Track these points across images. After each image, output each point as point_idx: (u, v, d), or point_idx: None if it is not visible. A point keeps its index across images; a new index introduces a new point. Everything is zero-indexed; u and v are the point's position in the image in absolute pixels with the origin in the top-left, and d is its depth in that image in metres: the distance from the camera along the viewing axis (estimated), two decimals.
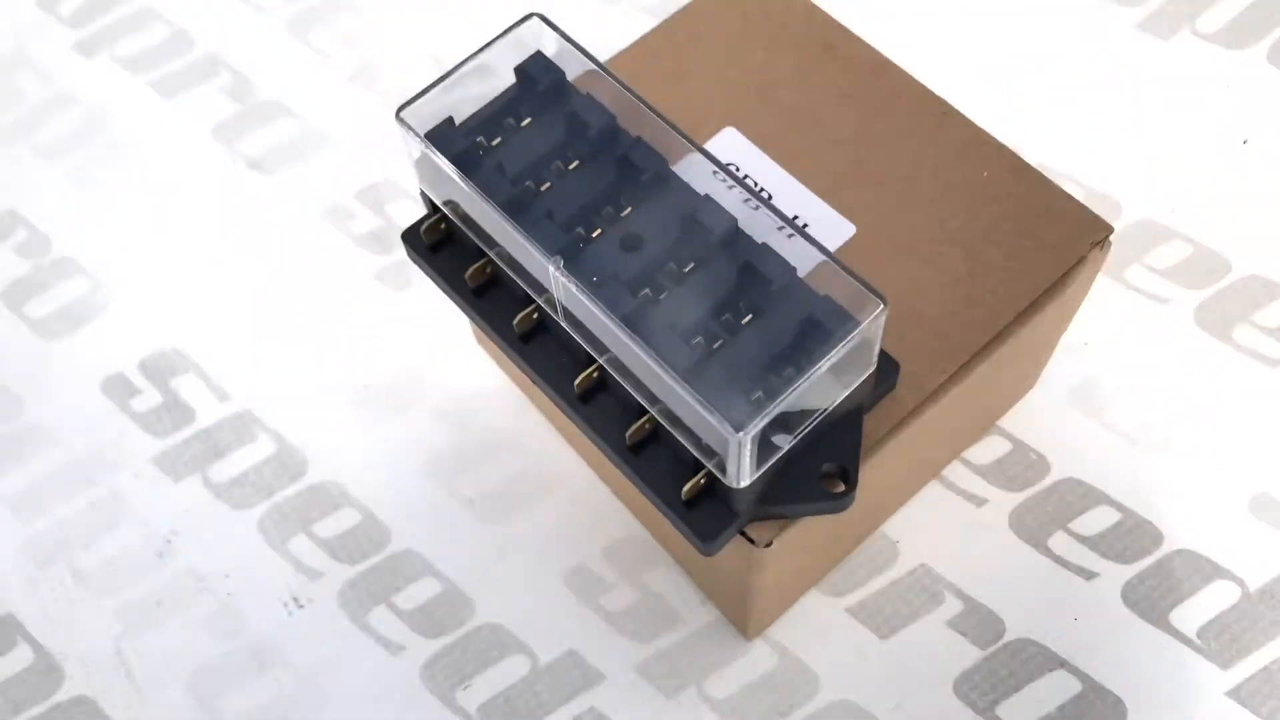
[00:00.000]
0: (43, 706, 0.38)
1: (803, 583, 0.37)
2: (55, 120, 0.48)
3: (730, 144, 0.35)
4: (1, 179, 0.47)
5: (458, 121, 0.30)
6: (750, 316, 0.27)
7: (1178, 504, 0.39)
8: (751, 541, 0.29)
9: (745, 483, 0.27)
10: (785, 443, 0.27)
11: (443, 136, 0.29)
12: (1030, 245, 0.33)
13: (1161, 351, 0.42)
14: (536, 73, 0.30)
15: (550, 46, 0.31)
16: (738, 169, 0.34)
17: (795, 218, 0.33)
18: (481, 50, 0.30)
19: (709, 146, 0.35)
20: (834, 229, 0.33)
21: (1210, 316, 0.42)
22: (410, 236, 0.32)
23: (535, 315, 0.30)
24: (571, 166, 0.30)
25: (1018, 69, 0.47)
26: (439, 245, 0.32)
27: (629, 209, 0.29)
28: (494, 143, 0.30)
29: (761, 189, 0.34)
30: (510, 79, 0.31)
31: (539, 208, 0.29)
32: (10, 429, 0.42)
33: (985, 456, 0.40)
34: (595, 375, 0.30)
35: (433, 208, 0.32)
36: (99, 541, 0.40)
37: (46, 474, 0.42)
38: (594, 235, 0.29)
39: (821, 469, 0.29)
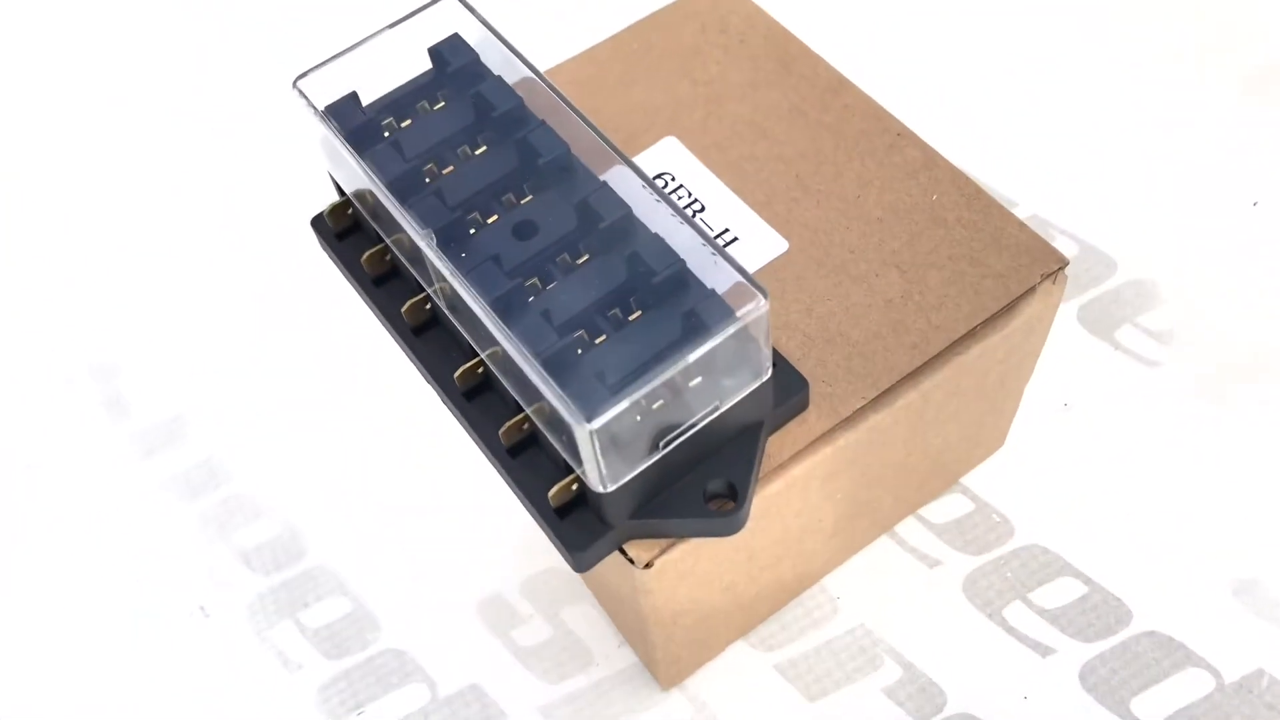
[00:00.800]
0: None
1: (724, 632, 0.34)
2: None
3: (668, 153, 0.33)
4: None
5: (368, 102, 0.29)
6: (639, 312, 0.25)
7: (1152, 582, 0.35)
8: (631, 561, 0.27)
9: (609, 487, 0.25)
10: (654, 447, 0.25)
11: (343, 111, 0.28)
12: (974, 273, 0.30)
13: (1149, 418, 0.38)
14: (450, 55, 0.29)
15: (472, 34, 0.30)
16: (672, 178, 0.32)
17: (725, 230, 0.31)
18: (390, 26, 0.29)
19: (647, 154, 0.33)
20: (765, 243, 0.31)
21: (1207, 385, 0.39)
22: (318, 223, 0.31)
23: (427, 306, 0.29)
24: (478, 151, 0.28)
25: (1009, 107, 0.45)
26: (346, 233, 0.31)
27: (529, 196, 0.27)
28: (403, 124, 0.29)
29: (695, 199, 0.32)
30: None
31: (430, 189, 0.27)
32: None
33: (943, 515, 0.37)
34: (480, 371, 0.28)
35: (341, 193, 0.31)
36: (22, 526, 0.39)
37: None
38: (489, 221, 0.27)
39: (709, 485, 0.26)
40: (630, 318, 0.25)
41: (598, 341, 0.25)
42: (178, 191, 0.47)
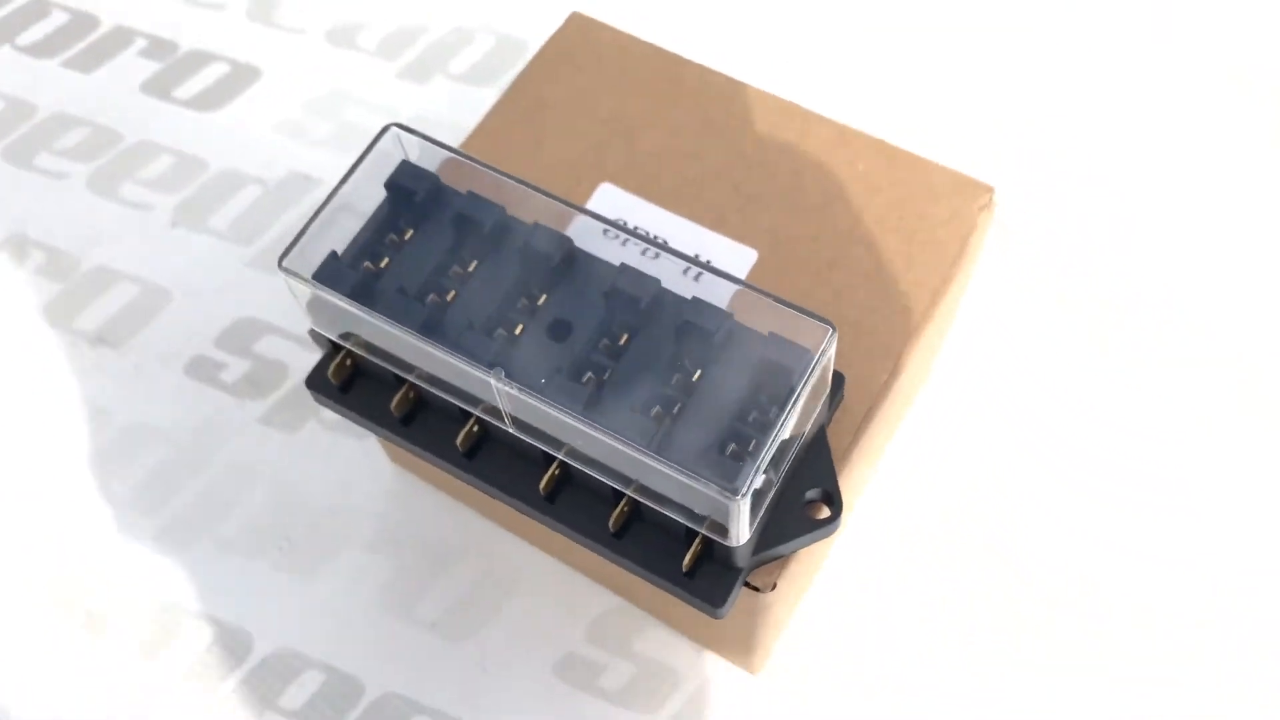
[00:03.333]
0: None
1: (797, 603, 0.37)
2: None
3: (610, 199, 0.34)
4: None
5: (339, 253, 0.29)
6: (699, 373, 0.27)
7: None
8: (757, 589, 0.29)
9: (746, 539, 0.26)
10: (772, 485, 0.27)
11: (331, 273, 0.28)
12: (924, 225, 0.33)
13: None
14: (408, 182, 0.29)
15: (414, 152, 0.30)
16: (625, 222, 0.34)
17: (696, 256, 0.33)
18: (349, 176, 0.28)
19: (589, 206, 0.34)
20: (737, 258, 0.33)
21: None
22: (316, 382, 0.31)
23: (476, 428, 0.29)
24: (471, 268, 0.29)
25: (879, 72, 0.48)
26: (349, 383, 0.31)
27: (544, 296, 0.28)
28: (382, 264, 0.29)
29: (655, 236, 0.33)
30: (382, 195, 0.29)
31: (456, 320, 0.27)
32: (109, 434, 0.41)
33: None
34: (557, 472, 0.28)
35: (332, 346, 0.30)
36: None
37: (160, 466, 0.41)
38: (518, 332, 0.28)
39: (805, 498, 0.28)
40: (694, 380, 0.27)
41: (676, 411, 0.27)
42: (87, 369, 0.43)
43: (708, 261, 0.33)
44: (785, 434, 0.26)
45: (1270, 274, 0.43)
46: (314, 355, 0.43)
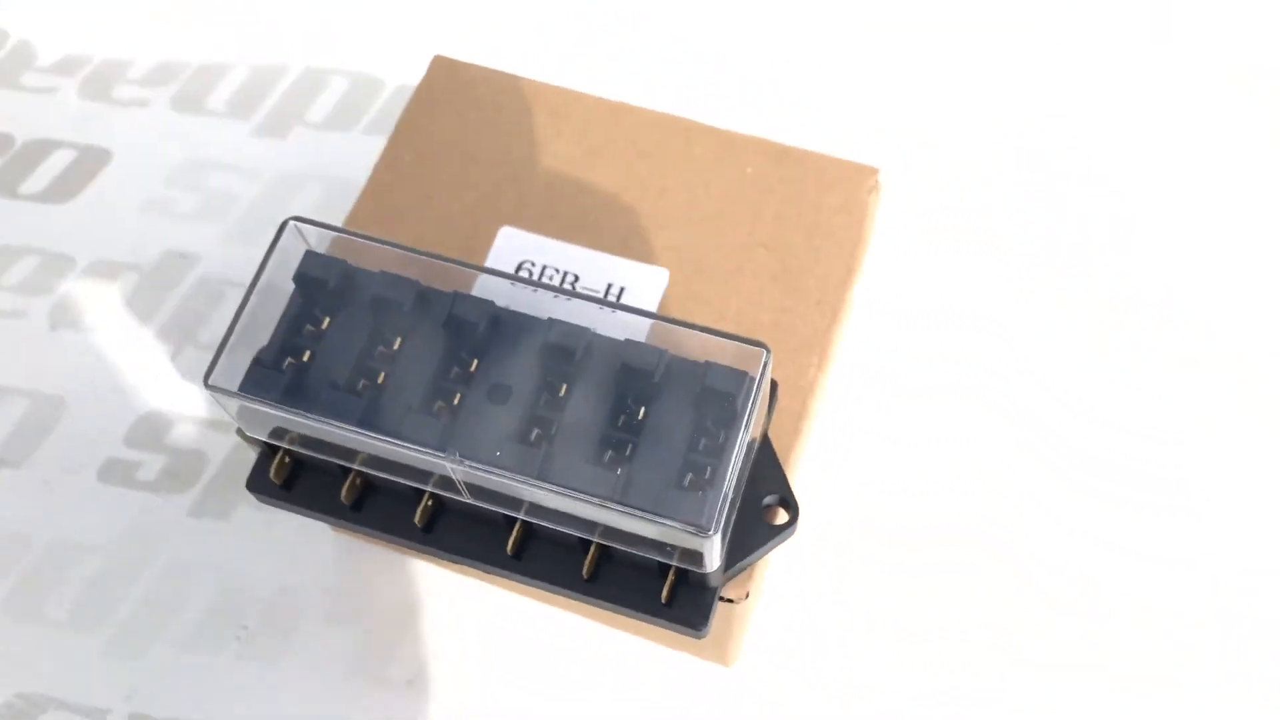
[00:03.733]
0: None
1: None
2: None
3: (512, 242, 0.34)
4: None
5: (259, 354, 0.28)
6: (643, 411, 0.27)
7: None
8: (731, 601, 0.30)
9: (719, 564, 0.27)
10: (735, 506, 0.27)
11: (258, 381, 0.27)
12: (820, 217, 0.34)
13: None
14: (317, 272, 0.28)
15: (313, 238, 0.29)
16: (533, 264, 0.34)
17: (610, 286, 0.33)
18: (257, 279, 0.28)
19: (494, 253, 0.34)
20: (650, 279, 0.33)
21: None
22: (257, 484, 0.30)
23: (431, 502, 0.29)
24: (396, 346, 0.28)
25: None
26: (290, 479, 0.30)
27: (475, 361, 0.28)
28: (305, 358, 0.28)
29: (565, 273, 0.34)
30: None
31: (394, 404, 0.27)
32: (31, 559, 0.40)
33: None
34: (520, 532, 0.29)
35: (267, 447, 0.30)
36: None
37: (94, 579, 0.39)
38: (457, 402, 0.28)
39: (762, 504, 0.29)
40: (639, 418, 0.27)
41: (629, 454, 0.27)
42: None
43: (621, 290, 0.33)
44: (739, 456, 0.27)
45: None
46: (232, 437, 0.42)
